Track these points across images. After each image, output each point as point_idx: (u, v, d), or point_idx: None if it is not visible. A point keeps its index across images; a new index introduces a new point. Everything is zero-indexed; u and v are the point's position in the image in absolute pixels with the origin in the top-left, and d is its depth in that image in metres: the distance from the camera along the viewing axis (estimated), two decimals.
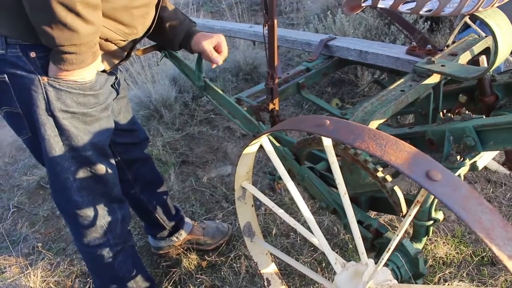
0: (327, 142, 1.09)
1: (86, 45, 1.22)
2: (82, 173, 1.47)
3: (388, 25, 3.41)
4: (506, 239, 0.77)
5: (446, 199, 0.79)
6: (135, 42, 1.52)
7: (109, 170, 1.55)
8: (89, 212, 1.54)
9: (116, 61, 1.52)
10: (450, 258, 2.00)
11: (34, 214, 2.71)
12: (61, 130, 1.38)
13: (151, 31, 1.56)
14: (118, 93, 1.66)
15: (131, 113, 1.85)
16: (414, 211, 0.92)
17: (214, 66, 1.77)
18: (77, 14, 1.13)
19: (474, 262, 1.98)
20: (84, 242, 1.60)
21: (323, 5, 4.78)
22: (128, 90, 1.65)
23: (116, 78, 1.62)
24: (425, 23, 3.27)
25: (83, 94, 1.37)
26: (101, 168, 1.51)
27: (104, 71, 1.48)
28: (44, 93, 1.30)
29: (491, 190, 2.40)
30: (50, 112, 1.34)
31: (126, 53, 1.53)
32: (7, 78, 1.29)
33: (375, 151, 0.87)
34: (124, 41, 1.43)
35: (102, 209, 1.57)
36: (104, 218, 1.58)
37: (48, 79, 1.29)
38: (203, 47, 1.71)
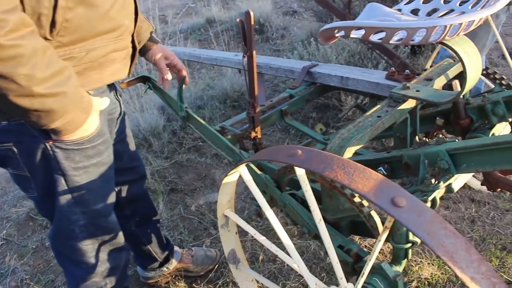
0: (300, 171, 1.13)
1: (70, 111, 1.15)
2: (89, 226, 1.47)
3: (370, 50, 3.48)
4: (469, 262, 0.80)
5: (411, 225, 0.82)
6: (132, 34, 1.45)
7: (115, 219, 1.56)
8: (92, 259, 1.53)
9: (129, 61, 1.48)
10: (435, 279, 2.02)
11: (23, 246, 2.70)
12: (72, 188, 1.36)
13: (139, 14, 1.48)
14: (121, 108, 1.63)
15: (134, 149, 1.84)
16: (383, 236, 0.95)
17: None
18: (41, 95, 1.06)
19: (459, 282, 2.00)
20: (80, 286, 1.59)
21: (308, 31, 4.87)
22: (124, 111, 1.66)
23: (115, 89, 1.59)
24: (406, 47, 3.35)
25: (92, 146, 1.34)
26: (109, 220, 1.52)
27: (110, 87, 1.48)
28: (52, 154, 1.28)
29: (474, 209, 2.44)
30: (60, 171, 1.31)
31: (131, 48, 1.47)
32: (13, 146, 1.26)
33: (343, 179, 0.91)
34: (121, 41, 1.36)
35: (105, 256, 1.57)
36: (105, 264, 1.58)
37: (53, 142, 1.26)
38: (158, 61, 1.80)
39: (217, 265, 2.29)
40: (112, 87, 1.55)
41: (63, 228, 1.46)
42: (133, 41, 1.47)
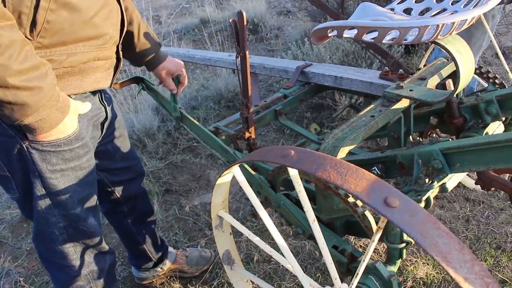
0: (293, 172, 1.12)
1: (45, 108, 1.14)
2: (69, 228, 1.45)
3: (364, 50, 3.48)
4: (463, 262, 0.80)
5: (403, 225, 0.82)
6: (117, 45, 1.46)
7: (95, 223, 1.54)
8: (74, 262, 1.52)
9: (112, 72, 1.48)
10: (430, 279, 2.02)
11: (17, 247, 2.69)
12: (49, 190, 1.35)
13: (125, 26, 1.48)
14: (107, 113, 1.60)
15: (128, 149, 1.83)
16: (377, 237, 0.95)
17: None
18: (15, 87, 1.05)
19: (454, 281, 1.99)
20: None
21: (302, 31, 4.87)
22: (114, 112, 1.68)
23: (101, 94, 1.55)
24: (400, 47, 3.35)
25: (70, 149, 1.33)
26: (88, 223, 1.50)
27: (95, 92, 1.46)
28: (28, 155, 1.27)
29: (468, 208, 2.44)
30: (37, 173, 1.31)
31: (115, 59, 1.47)
32: None
33: (336, 180, 0.90)
34: (104, 50, 1.36)
35: (88, 259, 1.56)
36: (89, 267, 1.57)
37: (29, 142, 1.25)
38: (162, 78, 1.87)
39: (211, 266, 2.29)
40: (96, 92, 1.52)
41: (43, 231, 1.45)
42: (117, 52, 1.47)
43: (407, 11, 1.72)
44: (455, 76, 1.79)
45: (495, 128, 1.69)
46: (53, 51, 1.21)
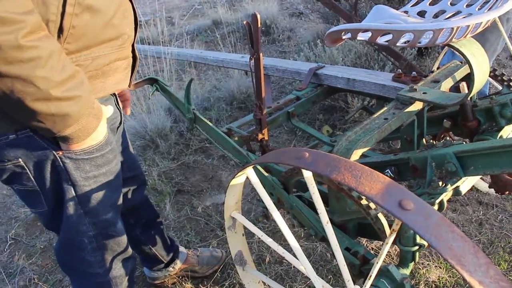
0: (307, 174, 1.13)
1: (84, 116, 1.14)
2: (99, 236, 1.45)
3: (377, 52, 3.48)
4: (477, 265, 0.80)
5: (418, 228, 0.82)
6: (132, 44, 1.44)
7: (122, 227, 1.54)
8: (99, 269, 1.53)
9: (130, 71, 1.46)
10: (442, 282, 2.02)
11: (32, 245, 2.72)
12: (82, 198, 1.34)
13: (138, 24, 1.45)
14: (121, 117, 1.59)
15: (133, 158, 1.82)
16: (390, 239, 0.95)
17: None
18: (58, 99, 1.04)
19: (467, 285, 1.99)
20: None
21: (314, 33, 4.87)
22: (124, 121, 1.64)
23: (116, 99, 1.54)
24: (413, 49, 3.34)
25: (101, 155, 1.32)
26: (117, 228, 1.50)
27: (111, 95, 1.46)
28: (62, 165, 1.26)
29: (482, 212, 2.43)
30: (70, 182, 1.30)
31: (131, 58, 1.46)
32: (21, 161, 1.24)
33: (350, 182, 0.91)
34: (123, 50, 1.35)
35: (112, 266, 1.56)
36: (112, 273, 1.57)
37: (63, 152, 1.23)
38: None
39: (223, 266, 2.30)
40: (113, 95, 1.51)
41: (72, 240, 1.44)
42: (133, 51, 1.46)
43: (421, 14, 1.72)
44: (469, 79, 1.78)
45: (510, 131, 1.68)
46: (78, 56, 1.19)
